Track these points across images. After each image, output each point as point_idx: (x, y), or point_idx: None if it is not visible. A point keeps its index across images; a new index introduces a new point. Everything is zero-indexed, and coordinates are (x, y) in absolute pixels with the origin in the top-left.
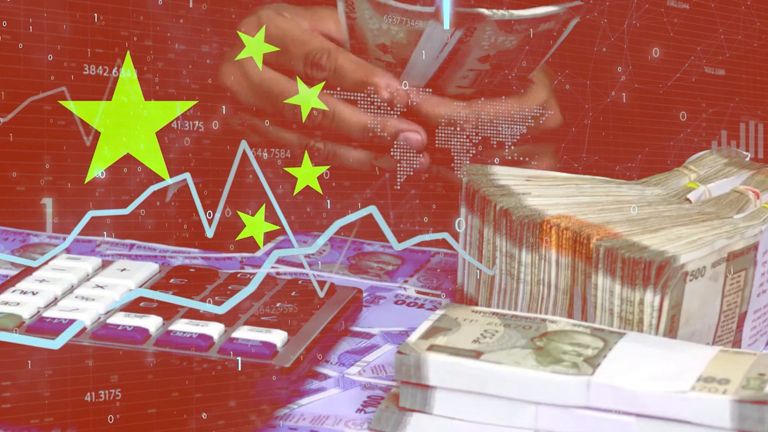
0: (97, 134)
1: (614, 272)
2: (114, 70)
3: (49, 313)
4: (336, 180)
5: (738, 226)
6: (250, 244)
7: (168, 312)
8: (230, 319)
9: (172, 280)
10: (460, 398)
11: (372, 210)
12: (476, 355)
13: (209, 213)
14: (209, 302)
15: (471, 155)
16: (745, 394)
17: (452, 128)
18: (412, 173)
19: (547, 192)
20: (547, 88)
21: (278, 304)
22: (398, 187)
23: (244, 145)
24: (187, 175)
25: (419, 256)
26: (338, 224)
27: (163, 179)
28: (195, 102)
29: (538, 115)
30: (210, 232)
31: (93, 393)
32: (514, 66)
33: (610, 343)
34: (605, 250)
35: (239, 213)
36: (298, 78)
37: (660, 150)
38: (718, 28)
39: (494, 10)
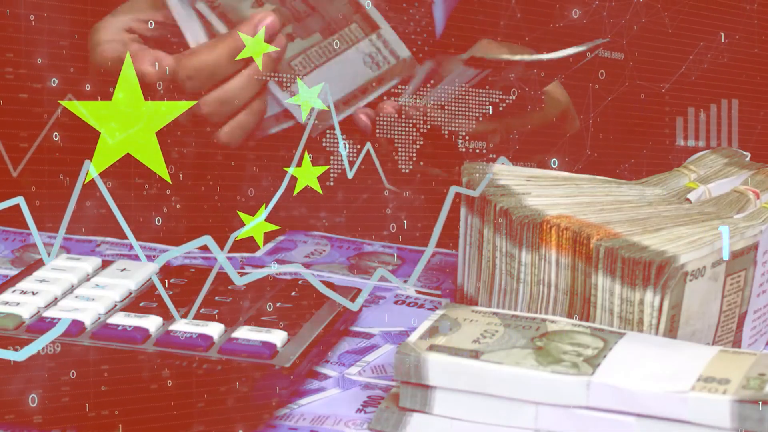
0: (97, 134)
1: (614, 272)
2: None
3: (49, 313)
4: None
5: (738, 226)
6: (250, 244)
7: (168, 312)
8: (230, 319)
9: (172, 280)
10: (460, 398)
11: (206, 240)
12: (476, 355)
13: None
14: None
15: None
16: (745, 394)
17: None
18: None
19: (547, 192)
20: (564, 96)
21: (278, 304)
22: (330, 182)
23: (87, 165)
24: (20, 199)
25: (419, 256)
26: (166, 257)
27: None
28: (195, 102)
29: (559, 124)
30: (47, 260)
31: (93, 393)
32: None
33: (610, 343)
34: (605, 250)
35: (239, 213)
36: (298, 78)
37: (660, 150)
38: (719, 31)
39: (524, 56)
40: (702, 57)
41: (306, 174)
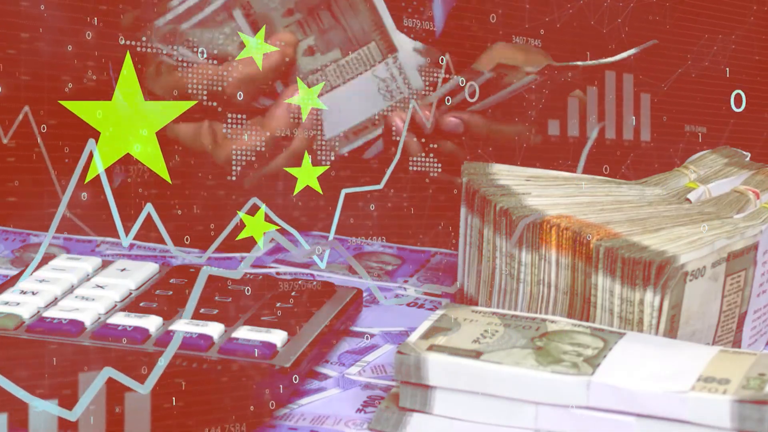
0: (97, 134)
1: (614, 272)
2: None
3: (49, 313)
4: (335, 178)
5: (738, 226)
6: (249, 244)
7: (168, 312)
8: (230, 319)
9: (172, 280)
10: (460, 398)
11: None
12: (476, 355)
13: None
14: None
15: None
16: (745, 394)
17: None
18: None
19: (547, 192)
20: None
21: (278, 304)
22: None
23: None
24: None
25: (419, 256)
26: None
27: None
28: (195, 102)
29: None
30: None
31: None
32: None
33: (610, 343)
34: (605, 250)
35: (239, 213)
36: (298, 79)
37: (660, 149)
38: (719, 35)
39: (587, 62)
40: (704, 56)
41: (306, 174)
